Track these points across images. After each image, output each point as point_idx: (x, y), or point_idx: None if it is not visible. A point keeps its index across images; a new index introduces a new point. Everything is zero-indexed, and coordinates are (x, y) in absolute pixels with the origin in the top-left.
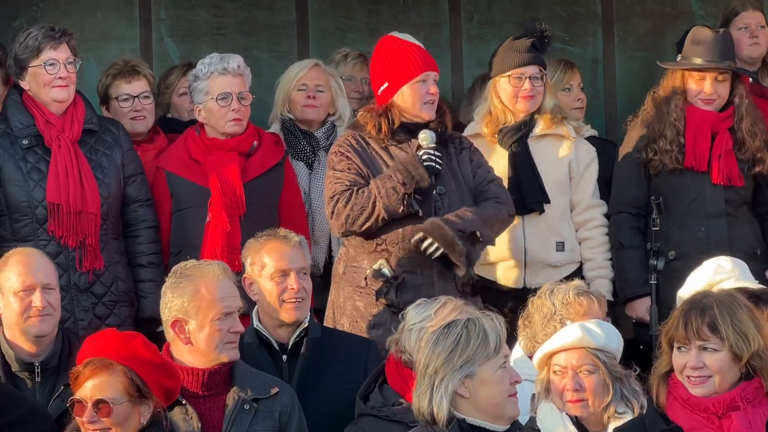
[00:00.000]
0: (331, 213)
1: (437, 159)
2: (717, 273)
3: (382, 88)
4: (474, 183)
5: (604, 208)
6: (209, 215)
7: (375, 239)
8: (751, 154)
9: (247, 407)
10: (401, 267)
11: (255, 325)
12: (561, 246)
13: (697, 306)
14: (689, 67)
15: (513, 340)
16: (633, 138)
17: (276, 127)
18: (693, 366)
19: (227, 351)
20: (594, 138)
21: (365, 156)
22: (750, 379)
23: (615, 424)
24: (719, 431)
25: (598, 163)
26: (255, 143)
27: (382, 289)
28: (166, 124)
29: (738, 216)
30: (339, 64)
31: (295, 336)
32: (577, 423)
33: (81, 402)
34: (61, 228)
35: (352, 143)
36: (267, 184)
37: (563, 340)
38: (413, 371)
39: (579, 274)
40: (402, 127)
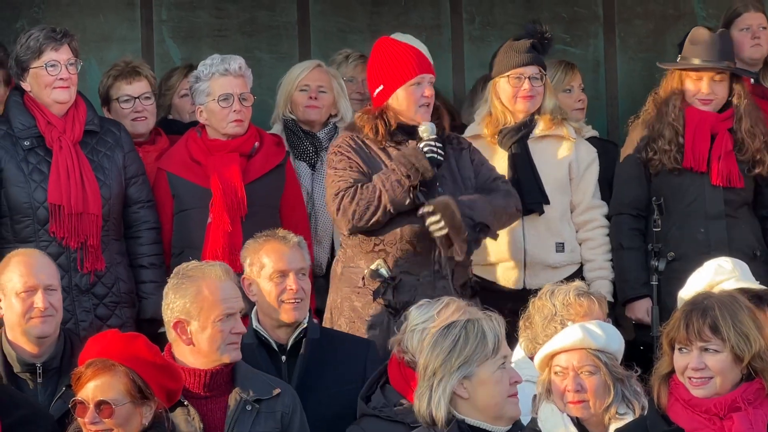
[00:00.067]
0: (337, 210)
1: (439, 150)
2: (717, 274)
3: (377, 90)
4: (478, 182)
5: (604, 209)
6: (210, 216)
7: (373, 239)
8: (751, 155)
9: (249, 408)
10: (398, 267)
11: (254, 326)
12: (561, 247)
13: (699, 307)
14: (686, 67)
15: (513, 341)
16: (634, 139)
17: (278, 128)
18: (694, 367)
19: (229, 352)
20: (595, 138)
21: (364, 156)
22: (751, 380)
23: (616, 425)
24: None
25: (598, 164)
26: (256, 144)
27: (379, 290)
28: (167, 125)
29: (738, 217)
30: (340, 65)
31: (294, 337)
32: (579, 424)
33: (83, 403)
34: (63, 229)
35: (351, 144)
36: (268, 185)
37: (564, 341)
38: (415, 372)
39: (579, 275)
40: (399, 128)
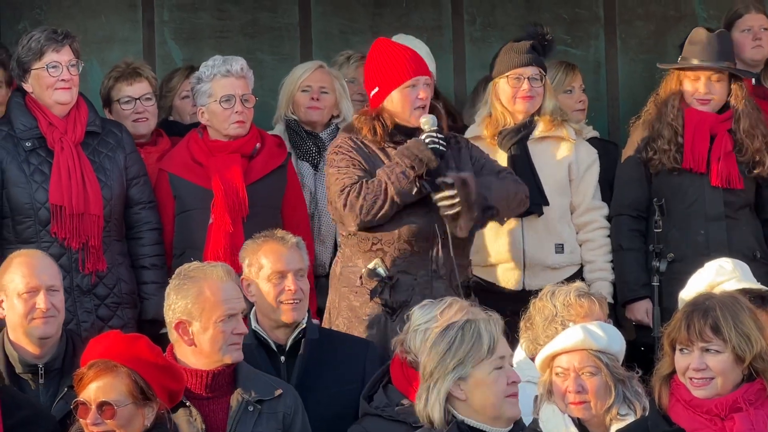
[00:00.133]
0: (344, 206)
1: (441, 141)
2: (718, 274)
3: (373, 92)
4: (485, 173)
5: (604, 210)
6: (212, 217)
7: (371, 239)
8: (751, 155)
9: (251, 409)
10: (396, 267)
11: (253, 327)
12: (560, 248)
13: (700, 308)
14: (684, 67)
15: (513, 342)
16: (635, 140)
17: (280, 129)
18: (695, 368)
19: (231, 352)
20: (595, 139)
21: (365, 155)
22: (752, 381)
23: (617, 426)
24: None
25: (599, 165)
26: (258, 145)
27: (376, 289)
28: (167, 127)
29: (738, 218)
30: (342, 66)
31: (293, 337)
32: (580, 425)
33: (85, 404)
34: (64, 230)
35: (351, 143)
36: (270, 186)
37: (565, 342)
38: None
39: (579, 276)
40: (397, 129)
